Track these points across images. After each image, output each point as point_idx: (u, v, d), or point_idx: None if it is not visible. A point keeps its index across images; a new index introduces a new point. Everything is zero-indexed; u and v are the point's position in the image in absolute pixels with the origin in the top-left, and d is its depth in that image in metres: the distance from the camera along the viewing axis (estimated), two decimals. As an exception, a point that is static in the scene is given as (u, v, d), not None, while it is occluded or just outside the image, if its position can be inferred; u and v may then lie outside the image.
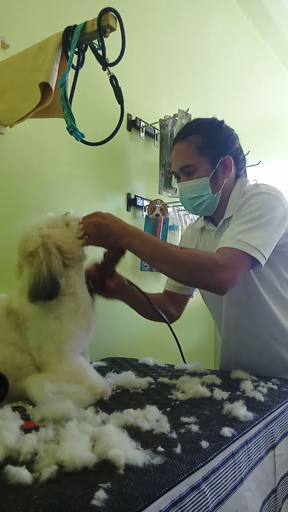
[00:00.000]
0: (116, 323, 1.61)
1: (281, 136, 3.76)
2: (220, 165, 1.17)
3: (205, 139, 1.16)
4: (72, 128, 1.04)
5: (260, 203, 1.09)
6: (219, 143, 1.17)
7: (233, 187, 1.22)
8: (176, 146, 1.20)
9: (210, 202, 1.19)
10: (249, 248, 1.01)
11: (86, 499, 0.47)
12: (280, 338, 1.19)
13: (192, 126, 1.23)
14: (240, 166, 1.25)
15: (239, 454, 0.69)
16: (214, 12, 2.64)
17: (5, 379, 0.81)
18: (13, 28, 1.29)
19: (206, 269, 0.98)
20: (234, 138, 1.22)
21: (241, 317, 1.21)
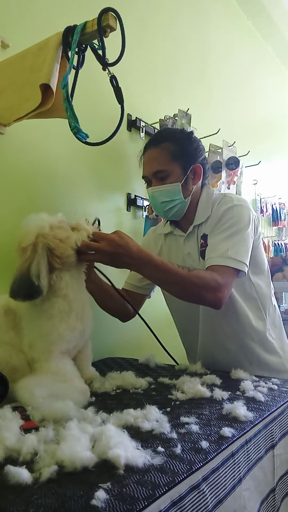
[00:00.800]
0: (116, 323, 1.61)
1: (281, 136, 3.76)
2: (190, 172, 1.24)
3: (177, 147, 1.22)
4: (76, 129, 1.04)
5: (237, 217, 1.18)
6: (190, 152, 1.25)
7: (200, 194, 1.30)
8: (149, 152, 1.25)
9: (180, 207, 1.25)
10: (239, 263, 1.11)
11: (86, 499, 0.47)
12: (254, 337, 1.27)
13: (165, 134, 1.31)
14: (206, 176, 1.33)
15: (238, 454, 0.69)
16: (214, 12, 2.64)
17: (5, 379, 0.81)
18: (13, 28, 1.29)
19: (210, 290, 1.07)
20: (202, 149, 1.31)
21: (218, 319, 1.26)
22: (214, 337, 1.30)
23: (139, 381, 1.04)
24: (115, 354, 1.59)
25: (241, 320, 1.25)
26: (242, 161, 2.23)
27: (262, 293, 1.29)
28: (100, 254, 0.97)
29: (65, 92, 1.03)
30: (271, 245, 3.30)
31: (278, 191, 3.44)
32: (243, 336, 1.26)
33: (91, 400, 0.90)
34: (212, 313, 1.24)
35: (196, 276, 1.06)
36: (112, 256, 0.98)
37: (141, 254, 1.01)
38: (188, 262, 1.29)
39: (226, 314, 1.23)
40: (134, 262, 1.00)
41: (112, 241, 0.98)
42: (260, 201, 3.18)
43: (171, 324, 1.49)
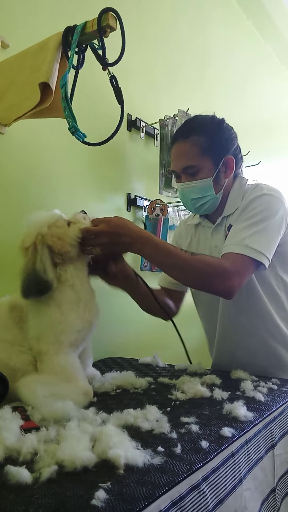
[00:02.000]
0: (116, 323, 1.61)
1: (281, 136, 3.75)
2: (222, 165, 1.17)
3: (207, 139, 1.14)
4: (74, 128, 1.04)
5: (264, 205, 1.10)
6: (221, 144, 1.17)
7: (232, 185, 1.23)
8: (177, 145, 1.18)
9: (212, 203, 1.20)
10: (256, 253, 1.03)
11: (86, 499, 0.47)
12: (276, 334, 1.21)
13: (193, 125, 1.21)
14: (239, 165, 1.25)
15: (238, 454, 0.69)
16: (214, 12, 2.64)
17: (5, 379, 0.81)
18: (13, 28, 1.29)
19: (216, 276, 1.01)
20: (234, 137, 1.22)
21: (238, 314, 1.22)
22: (233, 332, 1.24)
23: (139, 381, 1.04)
24: (115, 354, 1.59)
25: (263, 317, 1.19)
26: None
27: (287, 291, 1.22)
28: (101, 236, 0.96)
29: (63, 92, 1.03)
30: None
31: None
32: (264, 334, 1.20)
33: (91, 400, 0.90)
34: (231, 306, 1.20)
35: (198, 261, 1.01)
36: (111, 236, 0.96)
37: (140, 234, 0.99)
38: (215, 254, 1.21)
39: (246, 309, 1.19)
40: (134, 241, 0.98)
41: (110, 221, 0.97)
42: (260, 201, 3.17)
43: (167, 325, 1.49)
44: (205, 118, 1.21)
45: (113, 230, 0.96)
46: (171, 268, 1.04)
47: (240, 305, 1.16)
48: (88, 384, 0.94)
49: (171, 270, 1.06)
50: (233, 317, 1.23)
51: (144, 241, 0.98)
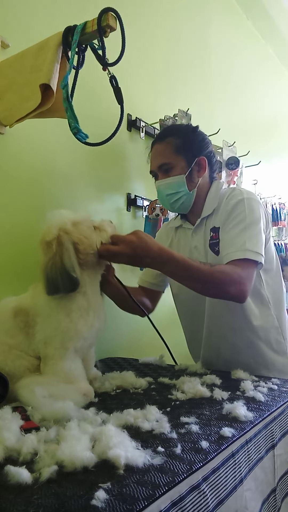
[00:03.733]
0: (116, 323, 1.61)
1: (281, 136, 3.76)
2: (195, 164, 1.25)
3: (181, 140, 1.24)
4: (76, 129, 1.04)
5: (249, 209, 1.18)
6: (194, 145, 1.26)
7: (208, 188, 1.31)
8: (155, 147, 1.28)
9: (186, 199, 1.26)
10: (256, 255, 1.11)
11: (86, 499, 0.47)
12: (259, 333, 1.25)
13: (169, 129, 1.35)
14: (214, 169, 1.34)
15: (239, 454, 0.69)
16: (214, 12, 2.64)
17: (5, 379, 0.81)
18: (13, 28, 1.29)
19: (233, 284, 1.06)
20: (207, 142, 1.32)
21: (224, 312, 1.25)
22: (219, 331, 1.28)
23: (139, 381, 1.04)
24: (115, 354, 1.59)
25: (247, 316, 1.24)
26: (242, 161, 2.23)
27: (271, 291, 1.28)
28: (120, 257, 0.97)
29: (65, 92, 1.03)
30: (271, 245, 3.29)
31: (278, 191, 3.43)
32: (249, 333, 1.25)
33: (92, 400, 0.90)
34: (217, 307, 1.24)
35: (219, 271, 1.06)
36: (132, 258, 0.98)
37: (161, 253, 1.00)
38: (195, 255, 1.29)
39: (232, 309, 1.23)
40: (155, 261, 1.00)
41: (131, 243, 0.97)
42: (260, 201, 3.18)
43: (172, 323, 1.49)
44: (180, 124, 1.36)
45: (133, 253, 0.97)
46: (192, 281, 1.08)
47: (226, 303, 1.20)
48: (89, 385, 0.95)
49: (192, 284, 1.10)
50: (219, 316, 1.27)
51: (165, 260, 1.01)
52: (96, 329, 0.96)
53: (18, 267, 1.28)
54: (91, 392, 0.92)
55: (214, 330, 1.29)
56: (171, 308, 1.47)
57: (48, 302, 0.91)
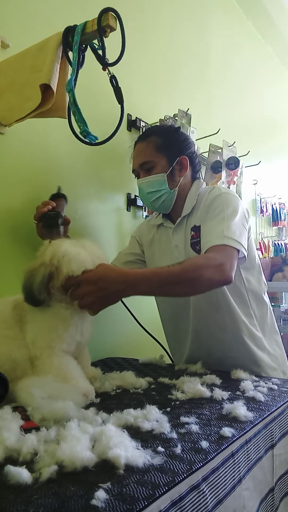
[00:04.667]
0: (116, 323, 1.61)
1: (281, 136, 3.76)
2: (176, 163, 1.26)
3: (163, 140, 1.25)
4: (85, 132, 1.05)
5: (226, 202, 1.18)
6: (176, 144, 1.27)
7: (189, 188, 1.31)
8: (137, 146, 1.29)
9: (167, 198, 1.26)
10: (236, 243, 1.09)
11: (86, 499, 0.47)
12: (244, 330, 1.26)
13: (152, 129, 1.37)
14: (196, 169, 1.34)
15: (238, 454, 0.69)
16: (214, 12, 2.64)
17: (5, 379, 0.81)
18: (13, 28, 1.29)
19: (209, 268, 1.03)
20: (190, 142, 1.32)
21: (210, 311, 1.26)
22: (208, 328, 1.28)
23: (139, 381, 1.04)
24: (115, 354, 1.59)
25: (231, 313, 1.25)
26: (242, 161, 2.23)
27: (251, 289, 1.28)
28: (86, 297, 0.93)
29: (71, 96, 1.03)
30: (271, 245, 3.30)
31: (278, 191, 3.44)
32: (236, 330, 1.25)
33: (93, 400, 0.90)
34: (202, 303, 1.24)
35: (189, 264, 1.03)
36: (97, 293, 0.92)
37: (126, 276, 0.97)
38: (175, 254, 1.29)
39: (217, 307, 1.24)
40: (123, 287, 0.95)
41: (88, 279, 0.92)
42: (260, 201, 3.18)
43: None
44: (163, 125, 1.37)
45: (95, 287, 0.92)
46: (170, 288, 1.04)
47: (210, 301, 1.20)
48: (89, 384, 0.95)
49: (171, 290, 1.06)
50: (206, 313, 1.27)
51: (132, 282, 0.97)
52: (76, 341, 0.98)
53: (18, 266, 1.28)
54: (91, 392, 0.92)
55: (202, 329, 1.29)
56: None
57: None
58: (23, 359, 0.92)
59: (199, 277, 1.02)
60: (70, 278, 0.91)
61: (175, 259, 1.27)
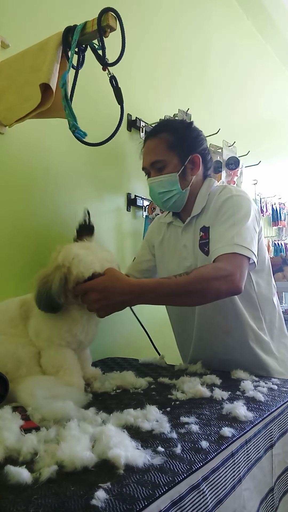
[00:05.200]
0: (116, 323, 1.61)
1: (281, 136, 3.76)
2: (188, 162, 1.22)
3: (175, 137, 1.20)
4: (74, 127, 1.04)
5: (237, 206, 1.15)
6: (188, 142, 1.22)
7: (201, 186, 1.27)
8: (147, 143, 1.24)
9: (179, 198, 1.23)
10: (246, 251, 1.07)
11: (86, 499, 0.47)
12: (250, 334, 1.24)
13: (163, 124, 1.29)
14: (208, 166, 1.30)
15: (238, 454, 0.69)
16: (214, 12, 2.64)
17: (5, 379, 0.81)
18: (13, 28, 1.29)
19: (219, 279, 1.01)
20: (202, 138, 1.28)
21: (215, 314, 1.24)
22: (211, 332, 1.27)
23: (139, 381, 1.04)
24: (115, 354, 1.59)
25: (238, 317, 1.23)
26: (242, 161, 2.23)
27: (261, 292, 1.27)
28: (91, 304, 0.95)
29: (63, 91, 1.03)
30: (271, 245, 3.30)
31: (278, 191, 3.44)
32: (241, 334, 1.24)
33: (91, 400, 0.90)
34: (208, 306, 1.22)
35: (197, 275, 1.01)
36: (102, 301, 0.94)
37: (132, 287, 0.97)
38: (184, 254, 1.27)
39: (222, 310, 1.22)
40: (128, 297, 0.96)
41: (95, 288, 0.94)
42: (260, 201, 3.18)
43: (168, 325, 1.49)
44: (174, 120, 1.29)
45: (101, 296, 0.94)
46: (177, 299, 1.05)
47: (216, 305, 1.18)
48: (82, 380, 0.98)
49: (178, 300, 1.07)
50: (210, 317, 1.26)
51: (138, 292, 0.97)
52: (79, 341, 1.00)
53: (17, 266, 1.29)
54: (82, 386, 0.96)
55: (206, 331, 1.28)
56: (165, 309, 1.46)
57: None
58: (28, 357, 0.93)
59: (206, 288, 1.01)
60: (79, 284, 0.93)
61: (184, 259, 1.26)
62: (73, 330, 0.98)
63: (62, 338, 0.97)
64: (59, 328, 0.96)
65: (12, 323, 0.98)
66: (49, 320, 0.96)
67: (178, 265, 1.28)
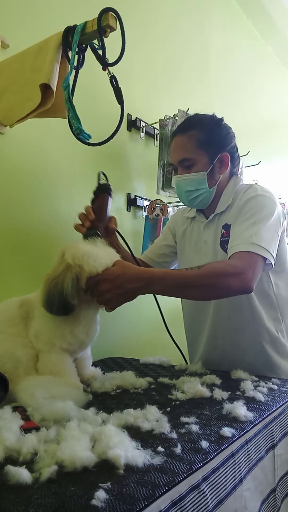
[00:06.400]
0: (116, 323, 1.61)
1: (281, 136, 3.75)
2: (217, 161, 1.21)
3: (205, 135, 1.19)
4: (79, 130, 1.04)
5: (260, 205, 1.13)
6: (218, 140, 1.21)
7: (227, 184, 1.26)
8: (176, 139, 1.22)
9: (205, 196, 1.23)
10: (262, 250, 1.06)
11: (86, 499, 0.47)
12: (264, 335, 1.23)
13: (193, 120, 1.25)
14: (235, 164, 1.28)
15: (239, 454, 0.69)
16: (214, 12, 2.64)
17: (5, 379, 0.81)
18: (13, 28, 1.29)
19: (230, 276, 1.01)
20: (231, 136, 1.26)
21: (230, 313, 1.24)
22: (224, 332, 1.26)
23: (139, 381, 1.04)
24: (115, 354, 1.59)
25: (253, 317, 1.21)
26: (242, 161, 2.23)
27: (280, 293, 1.25)
28: (104, 295, 0.95)
29: (66, 94, 1.03)
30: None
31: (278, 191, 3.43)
32: (254, 334, 1.22)
33: (91, 400, 0.90)
34: (224, 306, 1.22)
35: (208, 270, 1.01)
36: (113, 291, 0.94)
37: (141, 275, 0.97)
38: (204, 249, 1.27)
39: (239, 308, 1.21)
40: (138, 285, 0.96)
41: (106, 278, 0.94)
42: (260, 201, 3.17)
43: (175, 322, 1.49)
44: (204, 116, 1.25)
45: (112, 285, 0.94)
46: (186, 291, 1.05)
47: (233, 302, 1.18)
48: (79, 383, 0.98)
49: (187, 293, 1.07)
50: (225, 317, 1.25)
51: (147, 281, 0.97)
52: (80, 341, 1.00)
53: (17, 266, 1.29)
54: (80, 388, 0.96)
55: (219, 330, 1.27)
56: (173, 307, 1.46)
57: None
58: (27, 358, 0.93)
59: (215, 283, 1.01)
60: (90, 278, 0.93)
61: (204, 254, 1.26)
62: (75, 331, 0.97)
63: (64, 340, 0.96)
64: (61, 329, 0.96)
65: (11, 322, 0.98)
66: (51, 321, 0.95)
67: (198, 260, 1.27)
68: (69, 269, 0.92)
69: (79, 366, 1.06)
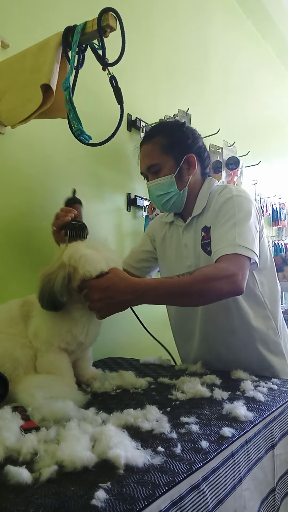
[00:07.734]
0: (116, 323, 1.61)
1: (281, 136, 3.76)
2: (184, 163, 1.22)
3: (168, 139, 1.21)
4: (79, 131, 1.04)
5: (238, 206, 1.15)
6: (181, 142, 1.23)
7: (201, 186, 1.27)
8: (142, 148, 1.26)
9: (177, 199, 1.24)
10: (248, 251, 1.07)
11: (86, 499, 0.47)
12: (256, 335, 1.23)
13: (156, 128, 1.31)
14: (205, 164, 1.30)
15: (238, 454, 0.69)
16: (214, 12, 2.64)
17: (5, 379, 0.81)
18: (13, 28, 1.29)
19: (221, 279, 1.02)
20: (197, 137, 1.27)
21: (219, 314, 1.24)
22: (216, 333, 1.26)
23: (139, 381, 1.04)
24: (115, 354, 1.59)
25: (242, 318, 1.22)
26: (242, 161, 2.23)
27: (265, 291, 1.26)
28: (94, 304, 0.95)
29: (67, 94, 1.02)
30: (271, 245, 3.30)
31: (278, 191, 3.44)
32: (245, 334, 1.23)
33: (91, 400, 0.90)
34: (212, 308, 1.22)
35: (199, 275, 1.02)
36: (105, 301, 0.94)
37: (135, 286, 0.96)
38: (185, 253, 1.28)
39: (226, 309, 1.22)
40: (131, 297, 0.96)
41: (98, 286, 0.94)
42: (260, 201, 3.18)
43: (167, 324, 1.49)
44: (167, 122, 1.30)
45: (104, 295, 0.94)
46: (179, 299, 1.05)
47: (220, 304, 1.18)
48: (74, 383, 0.98)
49: (181, 301, 1.08)
50: (214, 317, 1.25)
51: (141, 292, 0.96)
52: (79, 341, 0.99)
53: (17, 266, 1.29)
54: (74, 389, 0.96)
55: (211, 332, 1.27)
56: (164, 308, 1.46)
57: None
58: (26, 359, 0.93)
59: (209, 288, 1.02)
60: (84, 281, 0.93)
61: (185, 258, 1.27)
62: (73, 331, 0.97)
63: (62, 339, 0.96)
64: (59, 328, 0.96)
65: (11, 322, 0.98)
66: (49, 320, 0.96)
67: (179, 264, 1.28)
68: (63, 268, 0.93)
69: (80, 367, 1.06)
